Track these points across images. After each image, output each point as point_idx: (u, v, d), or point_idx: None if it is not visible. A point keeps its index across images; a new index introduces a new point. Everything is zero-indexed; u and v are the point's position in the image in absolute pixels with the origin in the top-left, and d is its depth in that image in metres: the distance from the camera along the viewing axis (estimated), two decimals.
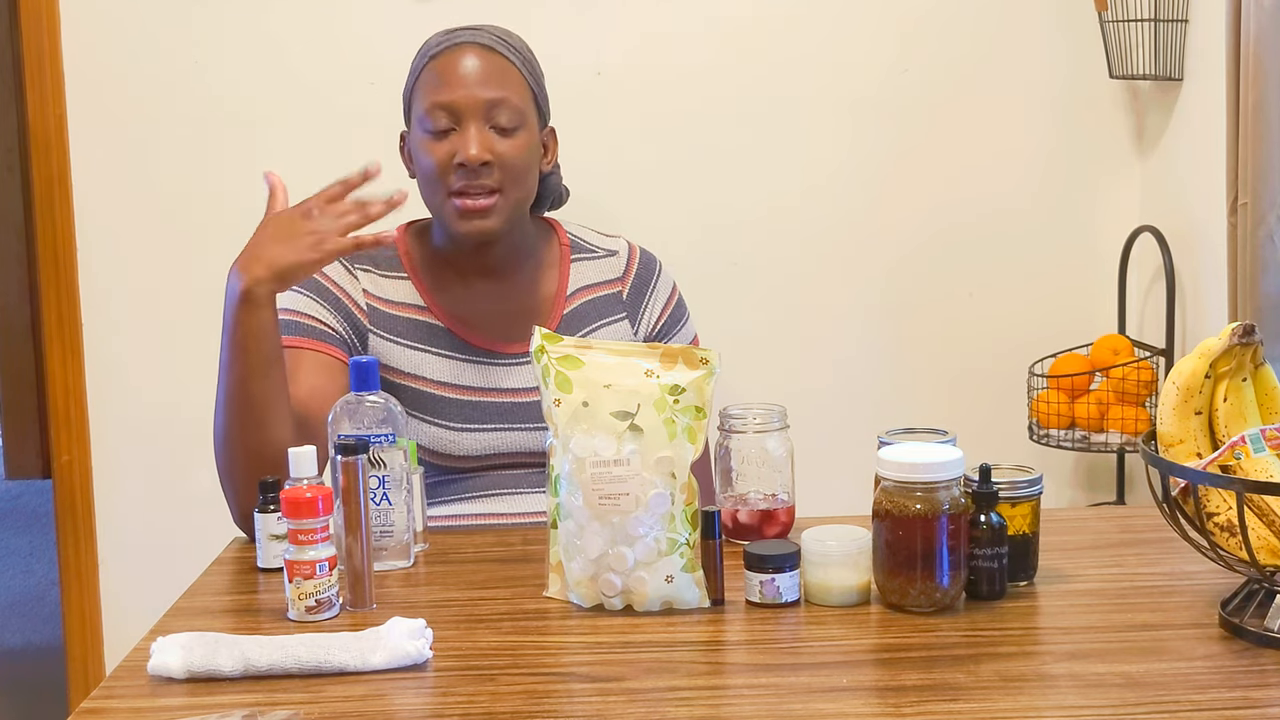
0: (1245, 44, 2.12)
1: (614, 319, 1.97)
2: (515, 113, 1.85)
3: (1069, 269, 2.74)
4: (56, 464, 2.66)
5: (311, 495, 1.46)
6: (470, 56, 1.85)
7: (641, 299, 1.99)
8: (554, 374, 1.50)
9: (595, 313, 1.96)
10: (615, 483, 1.45)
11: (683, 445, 1.47)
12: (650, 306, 2.00)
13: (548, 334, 1.54)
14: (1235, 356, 1.45)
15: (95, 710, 1.28)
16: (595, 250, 2.01)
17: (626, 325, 1.98)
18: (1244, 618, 1.37)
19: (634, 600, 1.47)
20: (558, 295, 1.96)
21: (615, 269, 2.00)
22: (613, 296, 1.98)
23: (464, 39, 1.87)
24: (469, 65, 1.84)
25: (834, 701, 1.25)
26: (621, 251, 2.02)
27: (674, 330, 2.02)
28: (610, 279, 1.99)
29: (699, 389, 1.49)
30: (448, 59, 1.86)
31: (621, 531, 1.45)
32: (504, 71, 1.86)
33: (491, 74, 1.84)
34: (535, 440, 1.88)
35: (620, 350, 1.53)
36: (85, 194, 2.61)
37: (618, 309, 1.98)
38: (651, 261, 2.03)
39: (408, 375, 1.88)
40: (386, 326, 1.90)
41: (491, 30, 1.90)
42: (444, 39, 1.89)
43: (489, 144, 1.83)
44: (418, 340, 1.90)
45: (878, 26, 2.66)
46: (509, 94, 1.85)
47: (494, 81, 1.84)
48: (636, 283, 2.00)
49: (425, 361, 1.88)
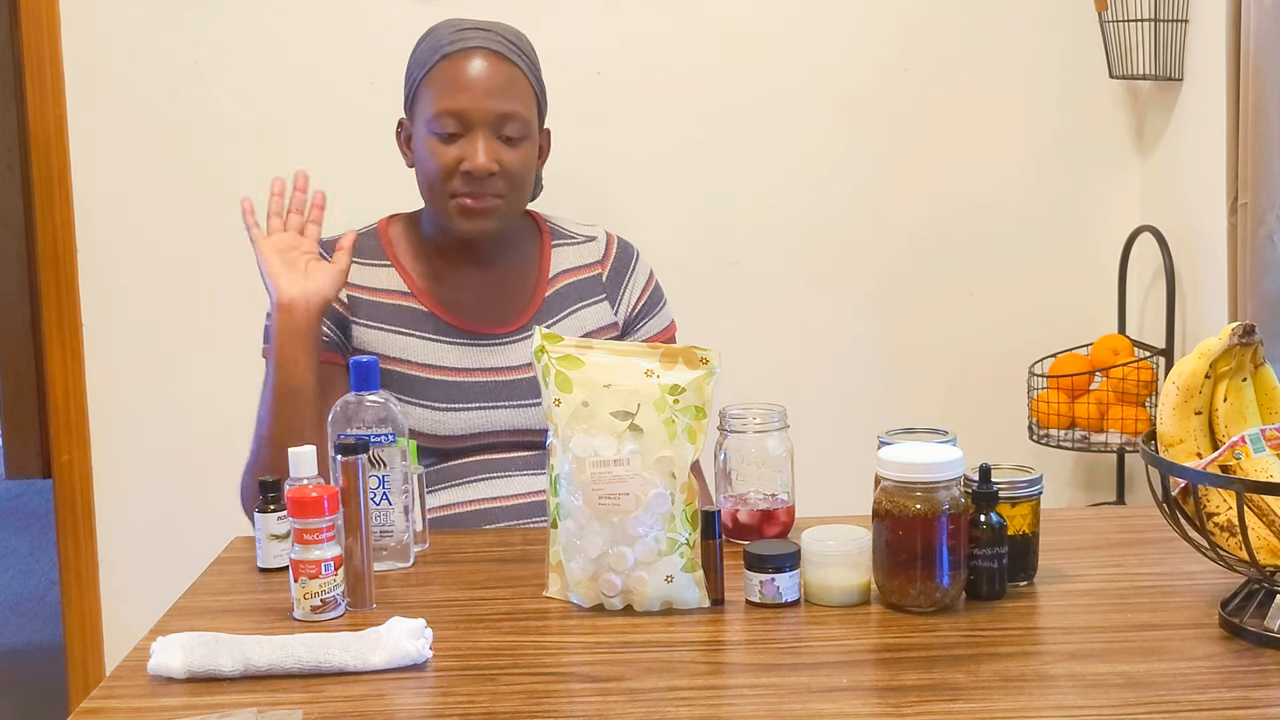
0: (1245, 44, 2.12)
1: (594, 300, 1.99)
2: (523, 124, 1.87)
3: (1069, 269, 2.74)
4: (56, 464, 2.66)
5: (317, 495, 1.46)
6: (483, 63, 1.86)
7: (621, 281, 2.02)
8: (554, 374, 1.50)
9: (576, 294, 1.98)
10: (615, 483, 1.45)
11: (683, 445, 1.47)
12: (630, 288, 2.02)
13: (548, 334, 1.54)
14: (1235, 356, 1.45)
15: (95, 710, 1.28)
16: (574, 236, 2.04)
17: (606, 306, 2.00)
18: (1244, 618, 1.37)
19: (634, 600, 1.47)
20: (540, 279, 1.98)
21: (595, 253, 2.03)
22: (593, 279, 2.01)
23: (476, 42, 1.87)
24: (481, 73, 1.86)
25: (834, 701, 1.25)
26: (600, 237, 2.05)
27: (653, 312, 2.04)
28: (590, 262, 2.02)
29: (699, 389, 1.49)
30: (460, 63, 1.86)
31: (621, 531, 1.45)
32: (514, 82, 1.88)
33: (503, 85, 1.86)
34: (522, 418, 1.90)
35: (620, 350, 1.54)
36: (85, 194, 2.61)
37: (598, 290, 2.00)
38: (629, 247, 2.07)
39: (392, 360, 1.89)
40: (368, 314, 1.91)
41: (501, 33, 1.90)
42: (455, 38, 1.88)
43: (496, 154, 1.85)
44: (402, 325, 1.92)
45: (877, 26, 2.66)
46: (518, 107, 1.87)
47: (505, 94, 1.86)
48: (615, 265, 2.03)
49: (410, 345, 1.90)
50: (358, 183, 2.61)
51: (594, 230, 2.06)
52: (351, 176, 2.61)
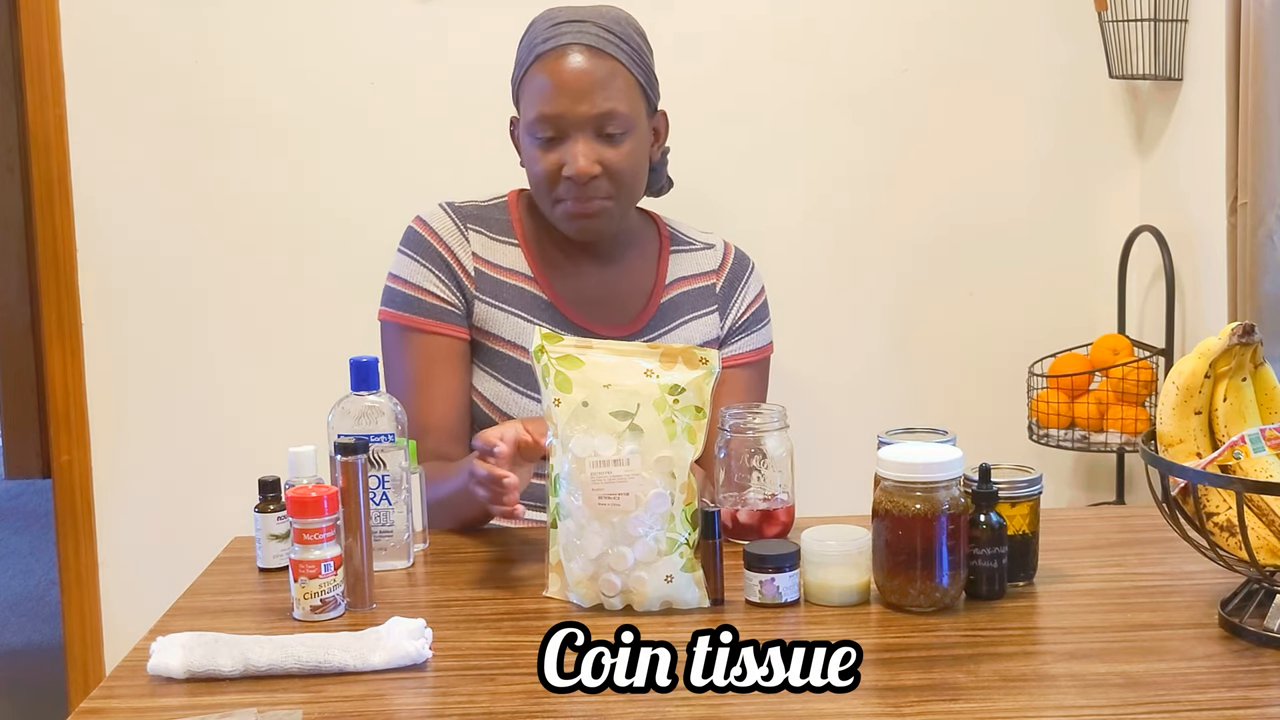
0: (1245, 44, 2.12)
1: (706, 311, 1.98)
2: (623, 120, 1.83)
3: (1069, 269, 2.74)
4: (56, 464, 2.66)
5: (317, 495, 1.46)
6: (577, 60, 1.81)
7: (734, 292, 2.01)
8: (554, 374, 1.50)
9: (690, 304, 1.97)
10: (615, 483, 1.45)
11: (683, 445, 1.47)
12: (740, 300, 2.01)
13: (547, 333, 1.54)
14: (1235, 356, 1.45)
15: (95, 710, 1.28)
16: (693, 243, 2.03)
17: (716, 319, 1.99)
18: (1244, 618, 1.37)
19: (634, 600, 1.47)
20: (657, 284, 1.97)
21: (712, 261, 2.01)
22: (707, 289, 1.99)
23: (569, 38, 1.82)
24: (575, 73, 1.80)
25: (834, 701, 1.25)
26: (718, 245, 2.04)
27: (755, 327, 2.02)
28: (706, 271, 2.00)
29: (699, 389, 1.49)
30: (553, 64, 1.82)
31: (621, 531, 1.45)
32: (611, 76, 1.82)
33: (598, 82, 1.81)
34: None
35: (620, 350, 1.54)
36: (85, 194, 2.61)
37: (710, 302, 1.99)
38: (745, 258, 2.05)
39: (509, 344, 1.89)
40: (492, 292, 1.90)
41: (596, 22, 1.84)
42: (549, 34, 1.83)
43: (597, 155, 1.82)
44: (524, 310, 1.90)
45: (877, 26, 2.65)
46: (615, 104, 1.82)
47: (601, 92, 1.81)
48: (730, 276, 2.01)
49: (529, 333, 1.83)
50: (358, 182, 2.63)
51: (712, 238, 2.04)
52: (352, 176, 2.63)
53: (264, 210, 2.62)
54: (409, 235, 1.92)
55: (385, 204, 2.40)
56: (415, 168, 2.60)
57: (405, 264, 1.91)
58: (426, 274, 1.89)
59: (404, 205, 2.01)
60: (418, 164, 2.61)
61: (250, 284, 2.64)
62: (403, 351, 1.89)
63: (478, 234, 1.92)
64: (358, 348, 1.78)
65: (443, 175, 2.56)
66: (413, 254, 1.91)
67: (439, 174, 2.58)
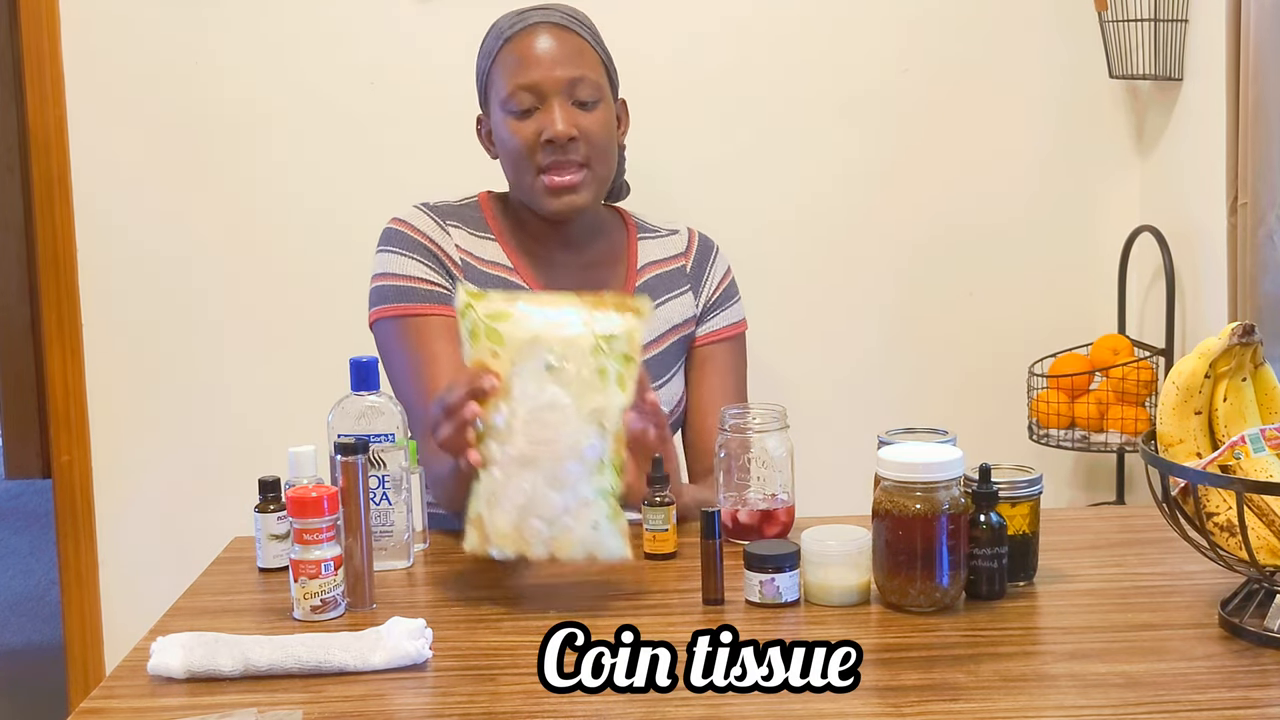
0: (1245, 44, 2.12)
1: (680, 291, 2.03)
2: (594, 87, 1.90)
3: (1069, 269, 2.73)
4: (56, 464, 2.66)
5: (317, 495, 1.46)
6: (546, 36, 1.90)
7: (703, 271, 2.06)
8: (484, 329, 1.50)
9: (664, 286, 2.02)
10: (545, 428, 1.45)
11: (614, 393, 1.48)
12: (710, 278, 2.06)
13: (473, 291, 1.54)
14: (1235, 356, 1.45)
15: (95, 710, 1.28)
16: (658, 230, 2.08)
17: (690, 298, 2.04)
18: (1244, 618, 1.37)
19: (558, 548, 1.47)
20: (629, 270, 2.02)
21: (679, 245, 2.07)
22: (677, 271, 2.04)
23: (536, 19, 1.91)
24: (546, 45, 1.89)
25: (834, 701, 1.25)
26: (682, 231, 2.10)
27: (727, 304, 2.07)
28: (674, 254, 2.06)
29: (629, 337, 1.49)
30: (524, 40, 1.90)
31: (551, 477, 1.45)
32: (580, 49, 1.91)
33: (569, 52, 1.90)
34: None
35: (549, 301, 1.54)
36: (85, 194, 2.61)
37: (683, 282, 2.04)
38: (709, 241, 2.11)
39: None
40: (478, 284, 1.90)
41: (559, 9, 1.95)
42: (516, 20, 1.93)
43: (574, 119, 1.88)
44: None
45: (878, 26, 2.65)
46: (587, 71, 1.90)
47: (572, 59, 1.89)
48: (698, 257, 2.07)
49: None
50: (358, 182, 2.63)
51: (676, 225, 2.11)
52: (351, 176, 2.63)
53: (264, 210, 2.62)
54: (389, 233, 1.94)
55: (385, 204, 2.39)
56: (415, 167, 2.61)
57: (390, 259, 1.92)
58: (414, 263, 1.91)
59: (403, 204, 2.01)
60: (417, 164, 2.61)
61: (250, 284, 2.64)
62: (402, 342, 1.89)
63: (457, 229, 1.95)
64: (358, 348, 1.78)
65: (443, 175, 2.56)
66: (396, 249, 1.92)
67: (439, 174, 2.58)
